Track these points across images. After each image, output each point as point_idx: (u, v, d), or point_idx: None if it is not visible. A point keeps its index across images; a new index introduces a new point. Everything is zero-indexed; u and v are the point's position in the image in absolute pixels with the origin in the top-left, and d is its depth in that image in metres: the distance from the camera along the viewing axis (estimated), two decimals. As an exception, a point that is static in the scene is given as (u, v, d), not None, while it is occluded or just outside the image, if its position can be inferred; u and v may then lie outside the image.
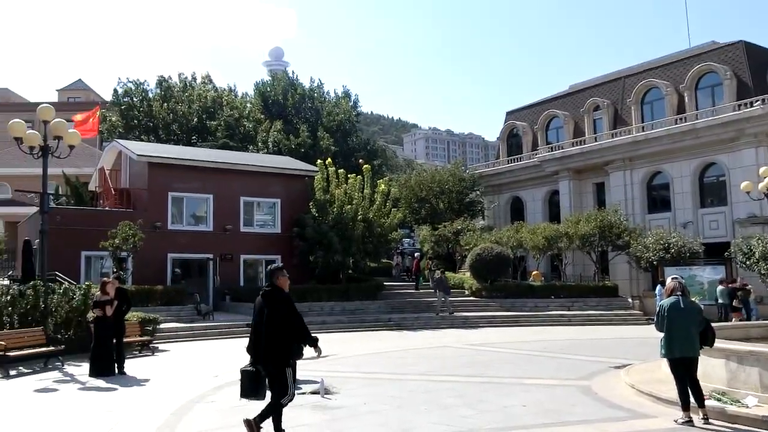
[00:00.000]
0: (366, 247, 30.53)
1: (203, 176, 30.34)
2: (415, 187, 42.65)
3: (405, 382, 13.05)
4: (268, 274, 8.25)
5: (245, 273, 31.38)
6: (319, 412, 10.04)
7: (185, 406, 10.61)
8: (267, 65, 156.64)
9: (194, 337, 22.60)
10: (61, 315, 17.63)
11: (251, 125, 49.15)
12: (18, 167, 46.04)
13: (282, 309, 7.88)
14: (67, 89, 74.38)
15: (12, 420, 9.98)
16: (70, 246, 26.10)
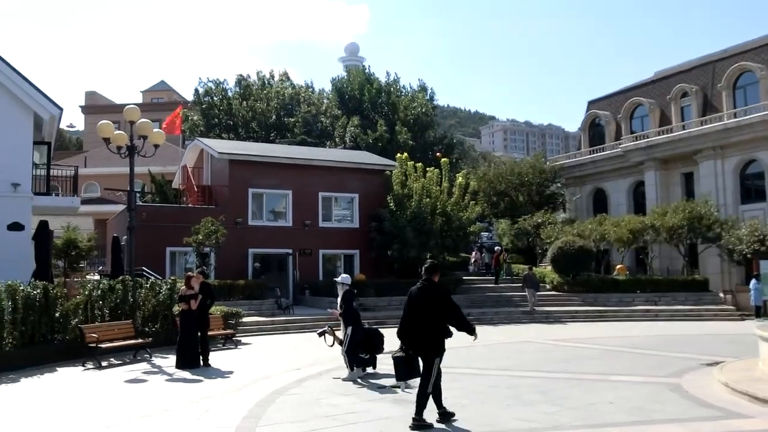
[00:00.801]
0: (444, 241, 30.26)
1: (282, 172, 30.75)
2: (493, 180, 42.06)
3: (486, 377, 12.82)
4: (426, 270, 8.85)
5: (324, 267, 31.65)
6: (400, 406, 9.96)
7: (268, 398, 10.70)
8: (343, 61, 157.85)
9: (275, 330, 22.93)
10: (149, 308, 18.19)
11: (328, 121, 49.62)
12: (106, 167, 47.99)
13: (439, 302, 8.60)
14: (151, 90, 77.09)
15: (106, 408, 10.30)
16: (156, 242, 26.94)
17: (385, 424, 8.89)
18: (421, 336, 8.58)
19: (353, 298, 13.03)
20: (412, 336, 8.66)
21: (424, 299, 8.61)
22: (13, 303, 14.61)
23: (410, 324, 8.69)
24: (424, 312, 8.56)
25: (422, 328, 8.58)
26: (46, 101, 22.57)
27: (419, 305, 8.61)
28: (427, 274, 8.83)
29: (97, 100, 73.54)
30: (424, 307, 8.57)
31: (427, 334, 8.58)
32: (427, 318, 8.55)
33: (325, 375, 13.10)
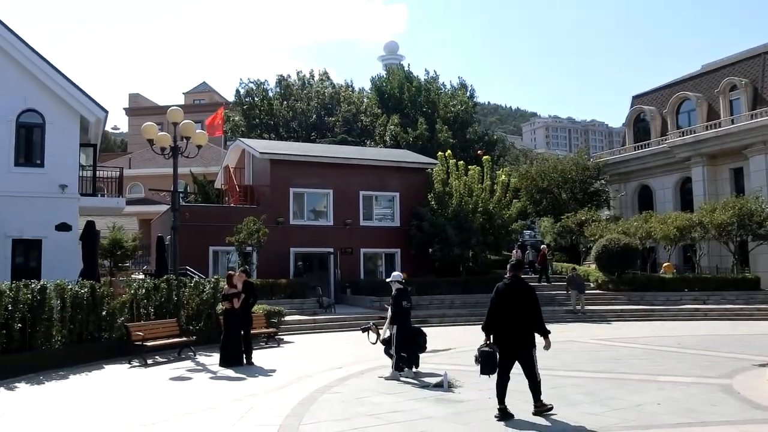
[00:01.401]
0: (486, 239, 30.01)
1: (323, 172, 30.86)
2: (536, 177, 41.60)
3: (531, 377, 12.60)
4: (512, 267, 9.35)
5: (365, 266, 31.66)
6: (443, 405, 9.89)
7: (311, 396, 10.71)
8: (382, 60, 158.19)
9: (317, 329, 23.01)
10: (192, 307, 18.41)
11: (368, 120, 49.66)
12: (149, 168, 48.82)
13: (527, 299, 8.98)
14: (193, 92, 78.21)
15: (151, 405, 10.44)
16: (199, 241, 27.26)
17: (428, 423, 8.81)
18: (513, 331, 8.93)
19: (403, 297, 12.92)
20: (501, 331, 9.00)
21: (513, 295, 8.98)
22: (62, 302, 14.90)
23: (498, 319, 9.02)
24: (514, 307, 8.91)
25: (513, 323, 8.92)
26: (92, 104, 23.02)
27: (508, 301, 8.95)
28: (513, 271, 9.29)
29: (141, 102, 74.85)
30: (514, 303, 8.93)
31: (519, 329, 8.93)
32: (517, 313, 8.92)
33: (367, 374, 13.06)
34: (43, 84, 22.23)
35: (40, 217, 21.39)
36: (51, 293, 14.56)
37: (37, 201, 21.57)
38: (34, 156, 22.48)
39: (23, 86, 22.07)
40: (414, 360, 13.07)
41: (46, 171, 22.18)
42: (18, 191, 21.28)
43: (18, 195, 21.17)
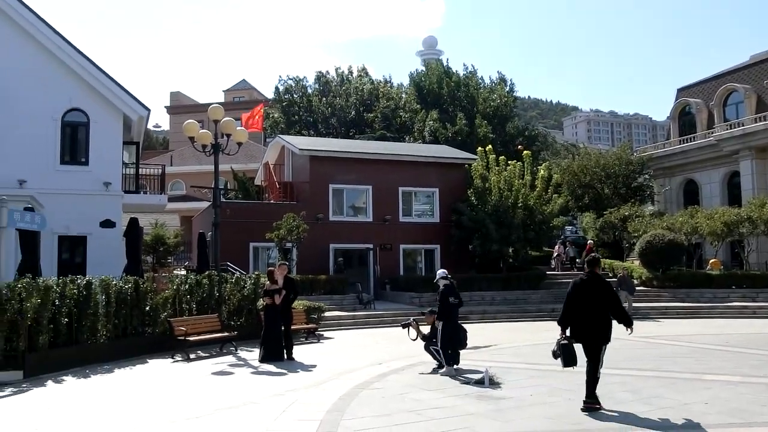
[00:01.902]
0: (527, 234, 29.67)
1: (362, 168, 30.86)
2: (577, 172, 41.00)
3: (572, 374, 12.27)
4: (589, 263, 9.67)
5: (404, 262, 31.58)
6: (484, 402, 9.78)
7: (352, 392, 10.69)
8: (420, 55, 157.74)
9: (357, 325, 23.02)
10: (234, 303, 18.56)
11: (407, 115, 49.53)
12: (190, 165, 49.47)
13: (605, 294, 9.19)
14: (232, 90, 79.05)
15: (194, 399, 10.53)
16: (239, 237, 27.51)
17: (470, 420, 8.71)
18: (590, 325, 9.16)
19: (449, 293, 12.84)
20: (577, 325, 9.25)
21: (590, 290, 9.19)
22: (107, 297, 15.12)
23: (575, 314, 9.26)
24: (591, 303, 9.13)
25: (590, 317, 9.15)
26: (135, 103, 23.38)
27: (585, 296, 9.17)
28: (590, 267, 9.55)
29: (181, 100, 75.90)
30: (591, 298, 9.13)
31: (596, 323, 9.15)
32: (594, 308, 9.14)
33: (407, 370, 13.00)
34: (87, 83, 22.65)
35: (85, 214, 21.82)
36: (96, 289, 14.79)
37: (82, 198, 22.02)
38: (79, 154, 22.95)
39: (68, 86, 22.53)
40: (455, 356, 12.99)
41: (90, 169, 22.62)
42: (64, 189, 21.73)
43: (64, 192, 21.61)
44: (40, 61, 22.28)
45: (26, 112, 21.84)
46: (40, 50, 22.24)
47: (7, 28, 21.98)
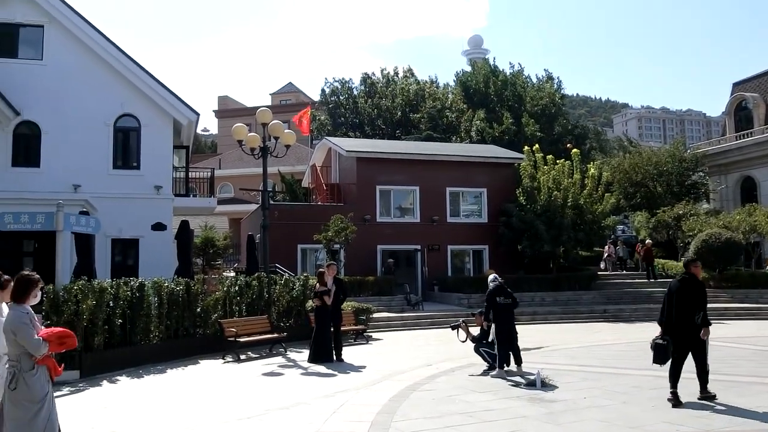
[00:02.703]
0: (577, 234, 29.16)
1: (409, 168, 30.77)
2: (629, 171, 40.17)
3: (627, 376, 12.10)
4: (685, 264, 10.21)
5: (452, 263, 31.39)
6: (536, 405, 9.60)
7: (402, 394, 10.61)
8: (466, 54, 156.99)
9: (405, 326, 22.94)
10: (283, 304, 18.68)
11: (454, 115, 49.27)
12: (238, 168, 50.12)
13: (700, 294, 9.55)
14: (279, 93, 79.79)
15: (246, 399, 10.57)
16: (287, 239, 27.69)
17: (522, 422, 8.56)
18: (689, 324, 9.43)
19: (496, 293, 12.71)
20: (677, 324, 9.51)
21: (687, 290, 9.53)
22: (159, 299, 15.34)
23: (674, 314, 9.53)
24: (689, 302, 9.45)
25: (689, 317, 9.42)
26: (185, 107, 23.75)
27: (683, 296, 9.50)
28: (686, 267, 10.00)
29: (229, 104, 76.94)
30: (689, 298, 9.47)
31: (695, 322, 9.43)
32: (692, 308, 9.44)
33: (457, 371, 12.87)
34: (138, 89, 23.11)
35: (137, 217, 22.26)
36: (149, 290, 15.02)
37: (134, 202, 22.47)
38: (130, 159, 23.43)
39: (120, 92, 23.04)
40: (506, 358, 12.81)
41: (142, 173, 23.06)
42: (116, 193, 22.21)
43: (116, 196, 22.08)
44: (93, 68, 22.84)
45: (80, 118, 22.41)
46: (93, 58, 22.79)
47: (61, 36, 22.60)
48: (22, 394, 5.75)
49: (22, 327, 5.77)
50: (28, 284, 6.08)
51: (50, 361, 5.98)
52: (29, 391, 5.76)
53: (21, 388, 5.75)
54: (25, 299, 6.02)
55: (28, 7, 22.27)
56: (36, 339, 5.79)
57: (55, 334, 5.97)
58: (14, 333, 5.77)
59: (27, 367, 5.79)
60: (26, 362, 5.80)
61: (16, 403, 5.77)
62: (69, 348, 6.08)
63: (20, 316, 5.84)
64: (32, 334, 5.80)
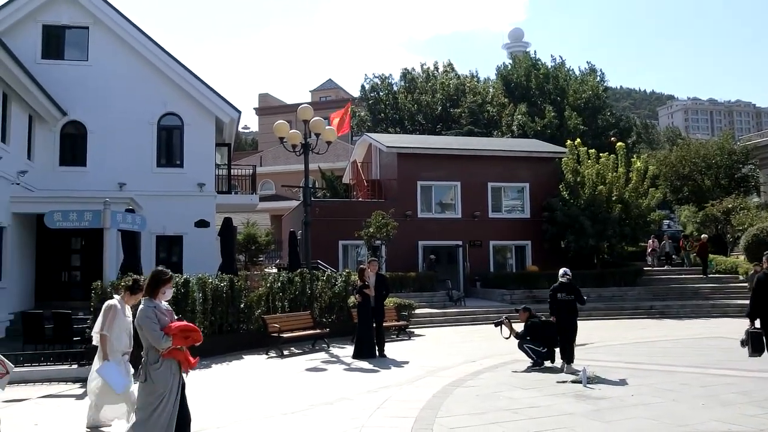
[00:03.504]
0: (622, 229, 28.61)
1: (450, 164, 30.59)
2: (675, 164, 39.34)
3: (675, 374, 11.83)
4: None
5: (494, 259, 31.10)
6: (582, 402, 9.44)
7: (445, 390, 10.53)
8: (507, 47, 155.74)
9: (447, 322, 22.81)
10: (325, 300, 18.73)
11: (495, 110, 48.83)
12: (279, 165, 50.53)
13: None
14: (319, 90, 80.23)
15: (290, 394, 10.63)
16: (329, 235, 27.77)
17: (569, 420, 8.40)
18: None
19: (559, 289, 12.66)
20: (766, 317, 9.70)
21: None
22: (204, 295, 15.49)
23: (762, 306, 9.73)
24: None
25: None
26: (226, 105, 23.98)
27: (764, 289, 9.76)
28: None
29: (269, 101, 77.60)
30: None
31: None
32: None
33: (501, 368, 12.73)
34: (180, 88, 23.41)
35: (180, 214, 22.57)
36: (193, 286, 15.19)
37: (177, 199, 22.78)
38: (174, 157, 23.75)
39: (163, 91, 23.37)
40: (550, 354, 12.67)
41: (185, 171, 23.37)
42: (160, 191, 22.54)
43: (160, 194, 22.41)
44: (137, 68, 23.22)
45: (125, 117, 22.81)
46: (137, 58, 23.17)
47: (106, 38, 23.01)
48: (147, 385, 6.07)
49: (146, 321, 6.07)
50: (159, 281, 6.38)
51: (181, 355, 6.22)
52: (153, 383, 6.05)
53: (147, 379, 6.06)
54: (156, 295, 6.32)
55: (74, 10, 22.74)
56: (158, 333, 6.05)
57: (179, 328, 6.21)
58: (140, 327, 6.09)
59: (152, 360, 6.08)
60: (152, 355, 6.09)
61: (143, 393, 6.11)
62: (194, 342, 6.32)
63: (146, 311, 6.14)
64: (155, 328, 6.06)
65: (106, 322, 8.22)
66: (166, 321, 6.20)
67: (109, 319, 8.23)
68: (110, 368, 8.07)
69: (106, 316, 8.26)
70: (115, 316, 8.27)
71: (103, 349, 8.18)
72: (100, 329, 8.26)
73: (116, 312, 8.30)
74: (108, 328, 8.19)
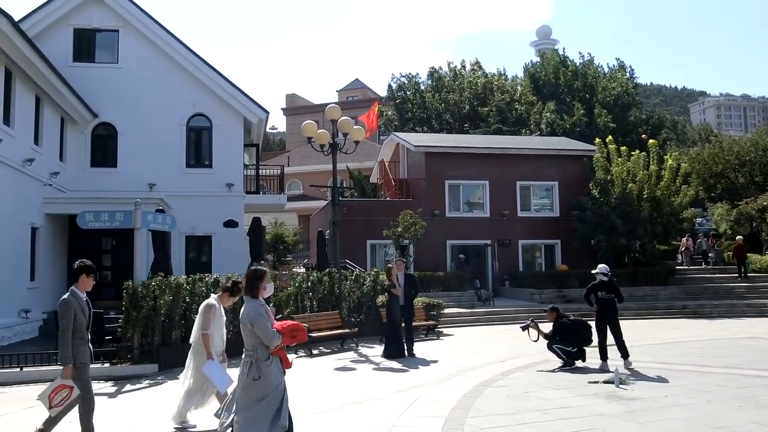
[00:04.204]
0: (654, 228, 28.18)
1: (478, 163, 30.42)
2: (708, 161, 38.68)
3: (710, 374, 11.61)
4: None
5: (523, 258, 30.87)
6: (615, 403, 9.31)
7: (475, 390, 10.46)
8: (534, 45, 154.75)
9: (476, 322, 22.67)
10: (354, 300, 18.71)
11: (523, 108, 48.45)
12: (306, 165, 50.70)
13: None
14: (346, 89, 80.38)
15: (320, 394, 10.62)
16: (357, 235, 27.80)
17: (600, 420, 8.29)
18: None
19: (598, 287, 12.66)
20: None
21: None
22: (233, 294, 15.56)
23: None
24: None
25: None
26: (254, 106, 24.11)
27: None
28: None
29: (297, 101, 77.94)
30: None
31: None
32: None
33: (531, 368, 12.60)
34: (209, 89, 23.59)
35: (209, 214, 22.77)
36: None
37: (206, 199, 22.98)
38: (203, 157, 23.96)
39: (192, 92, 23.58)
40: (580, 353, 12.53)
41: (214, 171, 23.55)
42: (189, 191, 22.76)
43: (190, 194, 22.63)
44: (166, 69, 23.46)
45: (154, 118, 23.07)
46: (166, 60, 23.40)
47: (136, 40, 23.29)
48: (258, 382, 6.10)
49: (259, 318, 6.11)
50: (255, 278, 6.41)
51: (282, 353, 6.32)
52: (264, 380, 6.09)
53: (260, 377, 6.10)
54: (257, 293, 6.37)
55: (104, 13, 23.04)
56: (272, 330, 6.14)
57: (287, 327, 6.28)
58: (252, 324, 6.11)
59: (263, 357, 6.14)
60: (262, 352, 6.15)
61: (251, 391, 6.12)
62: (300, 341, 6.44)
63: (257, 308, 6.20)
64: (268, 325, 6.15)
65: (207, 321, 8.36)
66: (272, 319, 6.32)
67: (210, 318, 8.36)
68: (215, 367, 8.23)
69: (206, 315, 8.40)
70: (215, 315, 8.42)
71: (207, 348, 8.29)
72: (202, 328, 8.38)
73: (216, 311, 8.47)
74: (210, 327, 8.32)
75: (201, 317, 8.47)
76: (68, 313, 7.00)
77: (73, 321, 7.00)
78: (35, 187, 18.66)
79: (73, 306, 7.03)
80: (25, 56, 16.47)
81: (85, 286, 7.24)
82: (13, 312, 16.76)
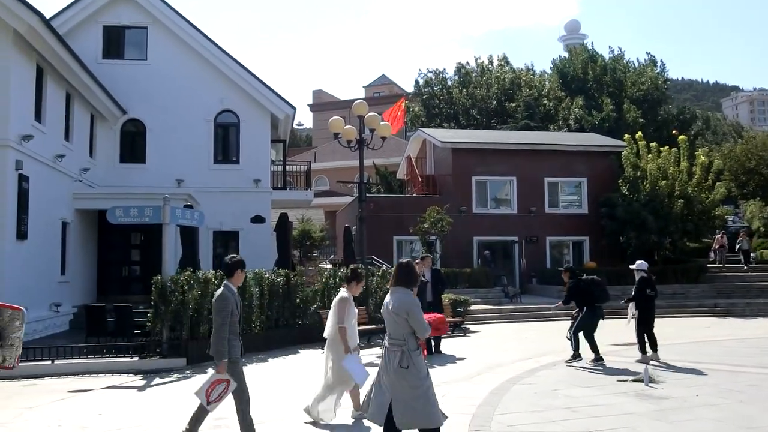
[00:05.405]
0: (685, 225, 27.74)
1: (505, 159, 30.21)
2: (741, 157, 37.98)
3: (743, 374, 11.39)
4: None
5: (551, 255, 30.62)
6: (644, 402, 9.17)
7: (502, 387, 10.39)
8: (563, 40, 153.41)
9: (502, 318, 22.54)
10: (380, 296, 18.65)
11: (551, 103, 48.00)
12: (333, 161, 50.79)
13: None
14: (372, 85, 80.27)
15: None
16: (383, 231, 27.75)
17: (630, 419, 8.16)
18: None
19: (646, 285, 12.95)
20: None
21: None
22: (260, 289, 15.65)
23: None
24: None
25: None
26: (282, 102, 24.18)
27: None
28: None
29: (323, 97, 78.03)
30: None
31: None
32: None
33: (559, 365, 12.50)
34: (237, 85, 23.70)
35: (237, 210, 22.89)
36: (250, 281, 15.32)
37: (234, 195, 23.11)
38: (230, 153, 24.09)
39: (220, 88, 23.71)
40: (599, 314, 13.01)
41: (241, 167, 23.67)
42: (217, 187, 22.91)
43: (217, 190, 22.78)
44: (194, 66, 23.62)
45: (182, 115, 23.24)
46: (194, 56, 23.56)
47: (164, 37, 23.47)
48: (411, 372, 6.14)
49: (416, 309, 6.17)
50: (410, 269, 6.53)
51: (423, 344, 6.48)
52: (416, 368, 6.15)
53: (410, 366, 6.14)
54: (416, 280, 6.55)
55: (133, 10, 23.25)
56: (425, 322, 6.25)
57: (435, 319, 6.38)
58: (407, 314, 6.16)
59: (413, 347, 6.19)
60: (412, 342, 6.20)
61: (406, 380, 6.16)
62: (441, 333, 6.57)
63: (414, 300, 6.29)
64: (423, 317, 6.24)
65: (342, 314, 8.42)
66: None
67: (345, 311, 8.44)
68: (354, 361, 8.31)
69: (341, 308, 8.46)
70: (349, 307, 8.51)
71: (344, 342, 8.35)
72: (338, 322, 8.42)
73: (349, 304, 8.56)
74: (345, 320, 8.39)
75: (335, 311, 8.50)
76: (226, 308, 6.97)
77: (229, 317, 6.99)
78: (66, 183, 18.91)
79: (230, 302, 7.01)
80: (56, 53, 16.67)
81: (238, 280, 7.24)
82: (44, 306, 17.01)
